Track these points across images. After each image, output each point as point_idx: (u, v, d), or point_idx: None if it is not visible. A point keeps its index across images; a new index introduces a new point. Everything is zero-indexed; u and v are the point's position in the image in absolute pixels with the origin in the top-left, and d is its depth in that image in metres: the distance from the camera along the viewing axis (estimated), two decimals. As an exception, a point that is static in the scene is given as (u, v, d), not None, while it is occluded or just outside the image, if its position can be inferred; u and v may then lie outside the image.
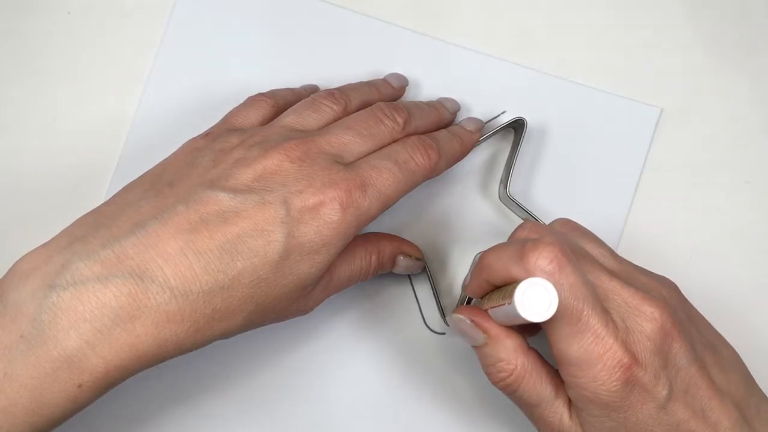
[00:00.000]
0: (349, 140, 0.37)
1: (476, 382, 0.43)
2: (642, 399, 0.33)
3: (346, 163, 0.36)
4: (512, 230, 0.38)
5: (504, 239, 0.44)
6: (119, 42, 0.45)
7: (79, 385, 0.31)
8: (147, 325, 0.31)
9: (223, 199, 0.33)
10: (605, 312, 0.33)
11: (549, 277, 0.32)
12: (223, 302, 0.33)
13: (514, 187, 0.44)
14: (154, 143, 0.44)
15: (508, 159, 0.44)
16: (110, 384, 0.32)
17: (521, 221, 0.44)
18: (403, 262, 0.42)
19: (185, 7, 0.45)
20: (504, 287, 0.34)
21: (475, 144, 0.42)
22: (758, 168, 0.45)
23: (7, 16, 0.45)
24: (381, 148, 0.38)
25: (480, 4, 0.46)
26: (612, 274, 0.34)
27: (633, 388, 0.33)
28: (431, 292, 0.43)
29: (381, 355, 0.43)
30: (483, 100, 0.45)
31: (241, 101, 0.41)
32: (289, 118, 0.38)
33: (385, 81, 0.43)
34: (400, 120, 0.38)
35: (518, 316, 0.31)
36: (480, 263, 0.36)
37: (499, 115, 0.44)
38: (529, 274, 0.32)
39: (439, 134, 0.40)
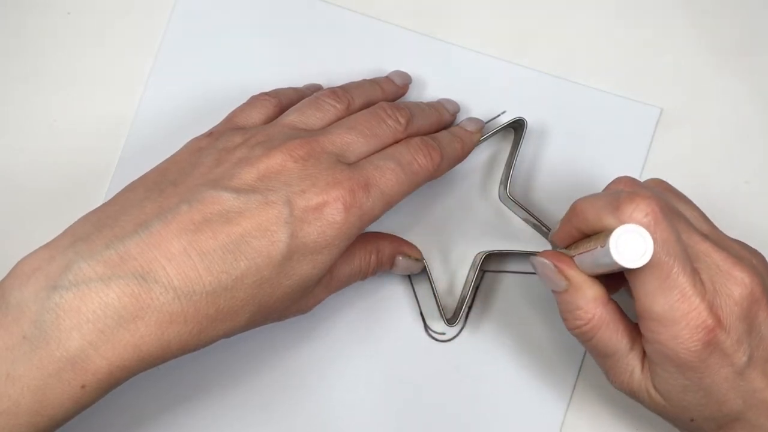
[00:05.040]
0: (352, 140, 0.37)
1: (478, 381, 0.43)
2: (720, 362, 0.33)
3: (349, 163, 0.36)
4: (512, 230, 0.38)
5: (505, 239, 0.44)
6: (119, 42, 0.45)
7: (83, 386, 0.31)
8: (150, 326, 0.31)
9: (226, 199, 0.33)
10: (695, 272, 0.33)
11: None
12: (227, 303, 0.33)
13: (514, 187, 0.44)
14: (154, 143, 0.44)
15: (508, 159, 0.44)
16: (113, 384, 0.32)
17: (521, 221, 0.44)
18: (402, 263, 0.42)
19: (185, 6, 0.45)
20: (593, 236, 0.34)
21: (476, 144, 0.42)
22: (758, 168, 0.45)
23: (7, 16, 0.45)
24: (383, 147, 0.38)
25: (480, 5, 0.46)
26: (705, 236, 0.34)
27: (713, 350, 0.32)
28: (431, 293, 0.43)
29: (381, 354, 0.43)
30: (483, 100, 0.45)
31: (242, 101, 0.40)
32: (291, 117, 0.38)
33: (387, 79, 0.43)
34: (402, 120, 0.38)
35: (611, 261, 0.31)
36: (572, 211, 0.35)
37: (499, 115, 0.44)
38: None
39: (441, 135, 0.40)
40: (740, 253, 0.35)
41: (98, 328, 0.30)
